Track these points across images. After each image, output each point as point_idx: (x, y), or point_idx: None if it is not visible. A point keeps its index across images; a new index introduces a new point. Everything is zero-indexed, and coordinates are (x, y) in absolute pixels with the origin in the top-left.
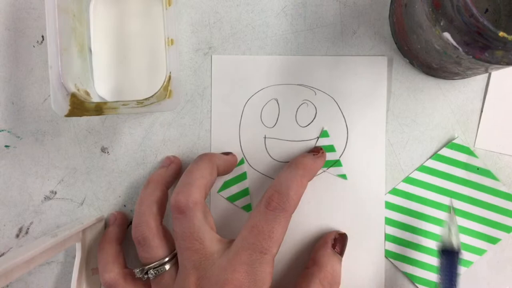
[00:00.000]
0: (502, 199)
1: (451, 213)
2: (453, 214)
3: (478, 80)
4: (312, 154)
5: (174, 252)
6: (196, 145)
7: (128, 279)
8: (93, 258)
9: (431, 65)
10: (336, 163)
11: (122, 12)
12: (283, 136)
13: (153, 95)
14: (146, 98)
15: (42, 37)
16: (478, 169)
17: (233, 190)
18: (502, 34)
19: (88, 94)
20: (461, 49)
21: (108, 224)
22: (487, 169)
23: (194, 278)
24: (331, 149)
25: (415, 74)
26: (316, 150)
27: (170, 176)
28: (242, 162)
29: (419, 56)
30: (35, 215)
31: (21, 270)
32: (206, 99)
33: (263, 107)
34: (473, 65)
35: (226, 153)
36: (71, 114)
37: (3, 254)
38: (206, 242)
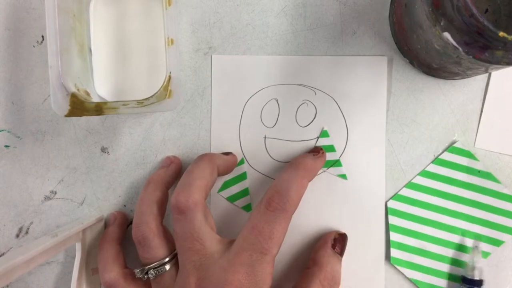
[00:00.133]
0: (504, 201)
1: (477, 251)
2: (478, 252)
3: (478, 80)
4: (312, 154)
5: (174, 252)
6: (196, 145)
7: (128, 279)
8: (93, 258)
9: (431, 65)
10: (336, 163)
11: (122, 12)
12: (283, 136)
13: (153, 95)
14: (146, 98)
15: (42, 37)
16: (479, 172)
17: (233, 190)
18: (502, 34)
19: (88, 94)
20: (461, 49)
21: (108, 224)
22: (488, 171)
23: (194, 279)
24: (331, 149)
25: (415, 74)
26: (316, 150)
27: (170, 176)
28: (242, 162)
29: (419, 56)
30: (35, 215)
31: (21, 270)
32: (206, 99)
33: (263, 107)
34: (473, 65)
35: (226, 153)
36: (71, 114)
37: (3, 254)
38: (206, 242)
